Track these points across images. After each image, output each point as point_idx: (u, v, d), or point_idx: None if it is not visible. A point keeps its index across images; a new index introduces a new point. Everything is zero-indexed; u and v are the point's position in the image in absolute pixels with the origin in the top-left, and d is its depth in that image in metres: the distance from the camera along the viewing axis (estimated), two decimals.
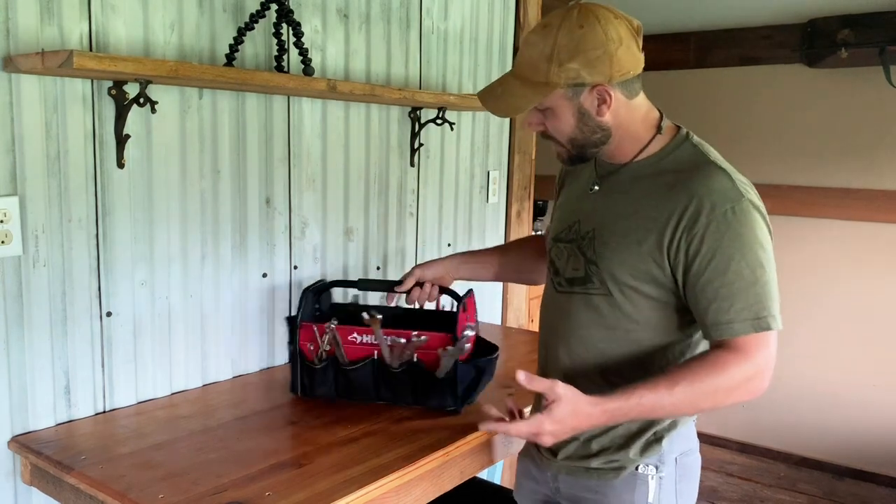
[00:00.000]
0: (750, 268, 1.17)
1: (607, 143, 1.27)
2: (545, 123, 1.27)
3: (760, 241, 1.19)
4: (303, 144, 1.91)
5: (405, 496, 1.36)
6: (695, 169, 1.22)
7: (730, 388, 1.18)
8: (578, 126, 1.24)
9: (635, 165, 1.28)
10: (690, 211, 1.18)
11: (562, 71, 1.18)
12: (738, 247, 1.17)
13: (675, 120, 1.35)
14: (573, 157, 1.30)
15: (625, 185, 1.28)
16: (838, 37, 3.26)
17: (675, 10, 3.75)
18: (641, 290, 1.24)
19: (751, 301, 1.18)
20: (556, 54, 1.18)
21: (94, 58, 1.26)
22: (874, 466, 3.45)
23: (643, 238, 1.22)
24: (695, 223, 1.17)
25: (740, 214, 1.17)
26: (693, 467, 1.37)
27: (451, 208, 2.45)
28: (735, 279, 1.17)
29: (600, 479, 1.32)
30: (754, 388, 1.20)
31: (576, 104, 1.21)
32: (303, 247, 1.95)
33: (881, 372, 3.40)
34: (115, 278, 1.55)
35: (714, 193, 1.18)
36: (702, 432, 1.33)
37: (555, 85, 1.19)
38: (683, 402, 1.18)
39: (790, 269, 3.58)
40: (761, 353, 1.19)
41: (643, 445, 1.30)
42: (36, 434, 1.43)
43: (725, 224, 1.16)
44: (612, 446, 1.31)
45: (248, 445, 1.40)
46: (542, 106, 1.23)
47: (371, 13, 2.04)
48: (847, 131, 3.40)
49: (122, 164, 1.52)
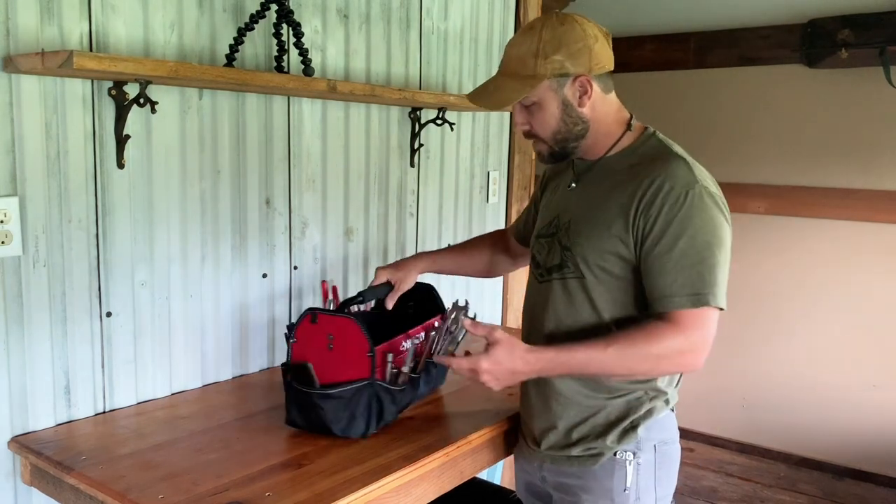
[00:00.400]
0: (696, 248, 1.25)
1: (585, 136, 1.37)
2: (530, 122, 1.38)
3: (711, 225, 1.27)
4: (303, 145, 1.91)
5: (405, 496, 1.36)
6: (658, 158, 1.33)
7: (660, 355, 1.26)
8: (562, 118, 1.35)
9: (606, 160, 1.39)
10: (650, 192, 1.28)
11: (547, 63, 1.31)
12: (687, 227, 1.25)
13: (675, 120, 1.40)
14: (555, 153, 1.40)
15: (598, 178, 1.39)
16: (838, 37, 3.27)
17: (675, 10, 3.75)
18: (611, 271, 1.33)
19: (693, 279, 1.25)
20: (542, 49, 1.31)
21: (94, 58, 1.26)
22: (874, 466, 3.45)
23: (612, 222, 1.32)
24: (652, 204, 1.27)
25: (693, 198, 1.26)
26: (673, 456, 1.44)
27: (451, 208, 2.45)
28: (680, 257, 1.25)
29: (581, 465, 1.40)
30: (686, 362, 1.29)
31: (560, 96, 1.33)
32: (303, 247, 1.95)
33: (881, 372, 3.40)
34: (115, 278, 1.55)
35: (671, 178, 1.28)
36: (702, 432, 1.33)
37: (541, 77, 1.31)
38: (616, 361, 1.27)
39: (790, 269, 3.58)
40: (697, 330, 1.26)
41: (620, 433, 1.37)
42: (36, 434, 1.43)
43: (678, 206, 1.25)
44: (590, 434, 1.39)
45: (248, 445, 1.40)
46: (529, 101, 1.35)
47: (371, 13, 2.04)
48: (847, 131, 3.40)
49: (122, 165, 1.52)
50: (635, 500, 1.38)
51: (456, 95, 2.11)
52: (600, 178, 1.38)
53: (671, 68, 3.79)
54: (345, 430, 1.41)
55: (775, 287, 3.61)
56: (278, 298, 1.90)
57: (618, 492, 1.38)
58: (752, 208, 3.61)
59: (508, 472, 2.55)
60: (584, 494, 1.40)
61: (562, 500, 1.46)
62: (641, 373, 1.31)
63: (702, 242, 1.25)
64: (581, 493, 1.41)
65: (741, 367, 3.72)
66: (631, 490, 1.37)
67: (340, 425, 1.41)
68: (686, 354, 1.27)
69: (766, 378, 3.68)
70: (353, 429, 1.42)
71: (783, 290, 3.61)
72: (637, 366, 1.29)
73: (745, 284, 3.69)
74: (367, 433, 1.43)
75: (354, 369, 1.40)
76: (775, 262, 3.59)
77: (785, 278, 3.60)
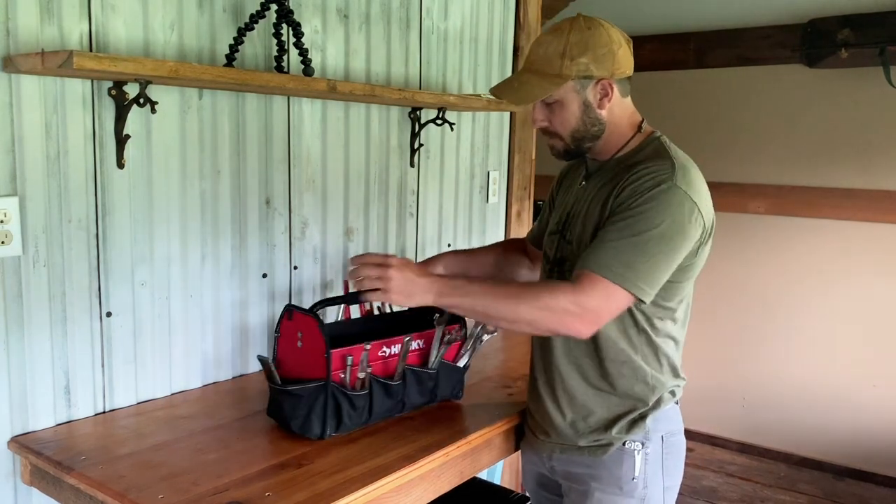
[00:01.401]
0: (638, 235, 1.27)
1: (601, 137, 1.42)
2: (550, 119, 1.42)
3: (669, 222, 1.27)
4: (303, 145, 1.91)
5: (405, 496, 1.37)
6: (651, 157, 1.37)
7: (548, 307, 1.28)
8: (582, 118, 1.39)
9: (614, 161, 1.44)
10: (628, 181, 1.32)
11: (573, 65, 1.35)
12: (640, 213, 1.27)
13: (675, 120, 1.42)
14: (570, 150, 1.45)
15: (604, 177, 1.43)
16: (838, 37, 3.27)
17: (675, 10, 3.75)
18: None
19: (619, 257, 1.27)
20: (569, 50, 1.35)
21: (94, 58, 1.26)
22: (874, 466, 3.45)
23: (597, 213, 1.38)
24: (623, 190, 1.32)
25: (660, 193, 1.28)
26: (679, 447, 1.48)
27: (451, 208, 2.45)
28: (618, 236, 1.28)
29: (591, 455, 1.44)
30: (570, 323, 1.29)
31: (582, 96, 1.38)
32: (303, 247, 1.95)
33: (881, 372, 3.40)
34: (115, 278, 1.55)
35: (650, 171, 1.31)
36: (702, 432, 1.34)
37: (567, 77, 1.36)
38: (505, 300, 1.31)
39: (790, 269, 3.58)
40: (593, 298, 1.27)
41: (628, 424, 1.41)
42: (36, 434, 1.43)
43: (641, 194, 1.29)
44: (598, 427, 1.43)
45: (248, 445, 1.40)
46: (552, 99, 1.39)
47: (371, 13, 2.04)
48: (847, 131, 3.40)
49: (122, 165, 1.52)
50: (643, 488, 1.42)
51: (456, 95, 2.11)
52: (606, 178, 1.42)
53: (671, 68, 3.79)
54: (301, 428, 1.42)
55: (775, 287, 3.61)
56: (278, 298, 1.90)
57: (626, 480, 1.41)
58: (752, 208, 3.62)
59: (508, 472, 2.55)
60: (594, 483, 1.44)
61: (571, 488, 1.49)
62: (525, 321, 1.31)
63: (647, 234, 1.26)
64: (591, 481, 1.44)
65: (741, 367, 3.73)
66: (639, 479, 1.41)
67: (297, 422, 1.42)
68: (571, 316, 1.27)
69: (766, 378, 3.68)
70: (308, 428, 1.41)
71: (783, 290, 3.61)
72: (524, 313, 1.30)
73: (744, 284, 3.69)
74: (323, 435, 1.41)
75: (316, 369, 1.40)
76: (775, 262, 3.59)
77: (785, 278, 3.59)
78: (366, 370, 1.43)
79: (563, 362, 1.45)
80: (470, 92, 2.43)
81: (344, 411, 1.43)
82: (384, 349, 1.50)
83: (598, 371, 1.42)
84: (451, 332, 1.57)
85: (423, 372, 1.55)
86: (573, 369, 1.44)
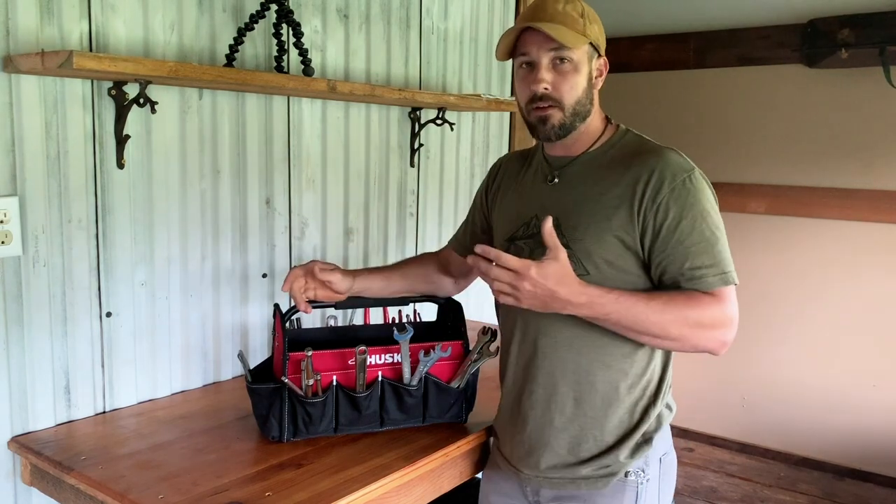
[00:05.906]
0: (710, 230, 1.27)
1: (585, 122, 1.34)
2: (556, 83, 1.30)
3: (715, 208, 1.30)
4: (303, 145, 1.91)
5: (405, 496, 1.37)
6: (645, 151, 1.33)
7: (699, 322, 1.24)
8: (586, 89, 1.32)
9: (586, 156, 1.37)
10: (653, 182, 1.27)
11: (589, 29, 1.30)
12: (698, 211, 1.26)
13: (675, 120, 1.40)
14: (565, 125, 1.32)
15: (581, 174, 1.36)
16: (838, 37, 3.27)
17: (675, 10, 3.74)
18: (614, 263, 1.29)
19: (717, 259, 1.26)
20: (587, 14, 1.32)
21: (93, 58, 1.26)
22: (874, 466, 3.45)
23: (612, 214, 1.29)
24: (658, 193, 1.26)
25: (696, 182, 1.27)
26: (672, 465, 1.42)
27: (451, 208, 2.45)
28: (700, 240, 1.26)
29: (589, 488, 1.34)
30: (721, 336, 1.27)
31: (589, 66, 1.32)
32: (303, 247, 1.95)
33: (881, 372, 3.40)
34: (115, 278, 1.55)
35: (671, 166, 1.28)
36: (702, 432, 1.33)
37: (587, 38, 1.30)
38: (656, 316, 1.23)
39: (790, 269, 3.58)
40: (730, 305, 1.27)
41: (633, 447, 1.33)
42: (36, 434, 1.43)
43: (685, 192, 1.26)
44: (599, 451, 1.33)
45: (248, 445, 1.40)
46: (570, 57, 1.28)
47: (371, 13, 2.04)
48: (847, 131, 3.40)
49: (122, 165, 1.52)
50: None
51: (456, 95, 2.11)
52: (584, 174, 1.35)
53: (671, 68, 3.79)
54: (263, 428, 1.42)
55: (775, 287, 3.61)
56: (278, 298, 1.90)
57: None
58: (752, 208, 3.61)
59: None
60: None
61: None
62: (673, 337, 1.24)
63: (713, 224, 1.27)
64: None
65: (741, 367, 3.72)
66: None
67: (260, 421, 1.43)
68: (721, 329, 1.26)
69: (765, 378, 3.68)
70: (268, 429, 1.41)
71: (783, 290, 3.60)
72: (674, 327, 1.23)
73: (744, 284, 3.66)
74: (280, 437, 1.40)
75: (279, 370, 1.41)
76: (775, 262, 3.59)
77: (785, 278, 3.59)
78: (314, 377, 1.38)
79: (562, 370, 1.33)
80: (470, 92, 2.43)
81: (300, 417, 1.40)
82: (352, 360, 1.43)
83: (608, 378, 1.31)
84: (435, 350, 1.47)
85: (400, 387, 1.45)
86: (576, 378, 1.32)
